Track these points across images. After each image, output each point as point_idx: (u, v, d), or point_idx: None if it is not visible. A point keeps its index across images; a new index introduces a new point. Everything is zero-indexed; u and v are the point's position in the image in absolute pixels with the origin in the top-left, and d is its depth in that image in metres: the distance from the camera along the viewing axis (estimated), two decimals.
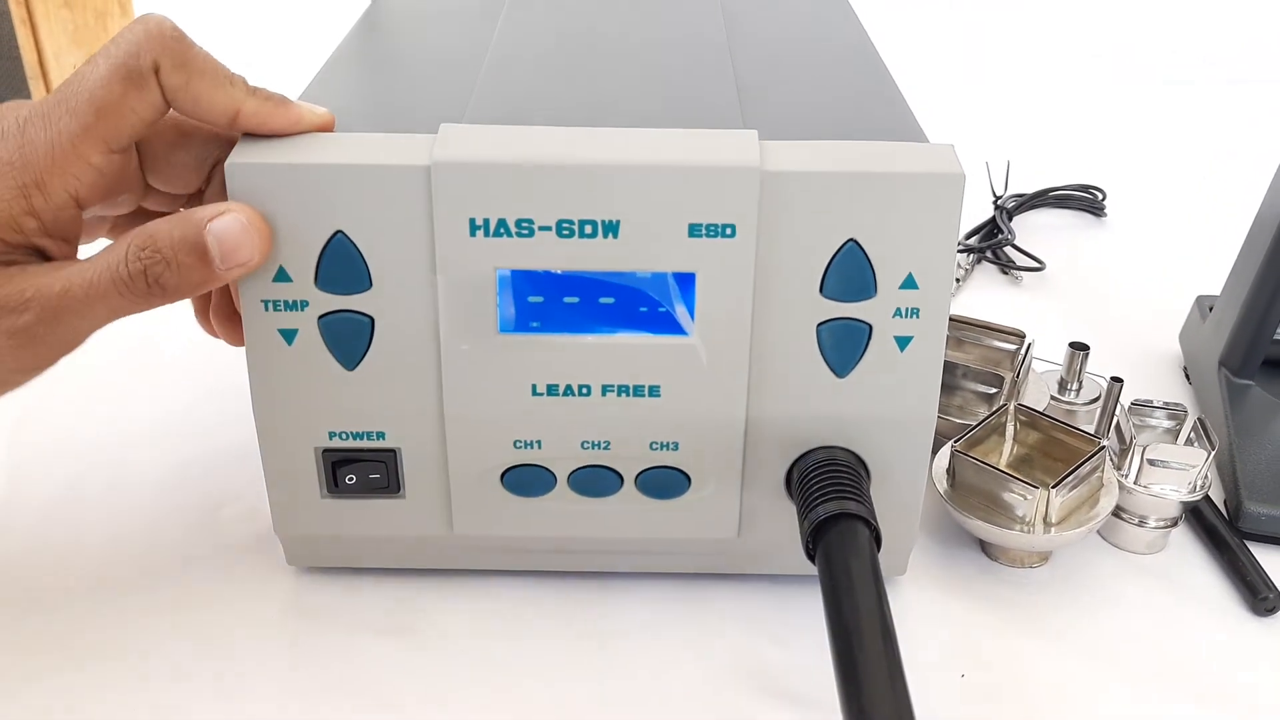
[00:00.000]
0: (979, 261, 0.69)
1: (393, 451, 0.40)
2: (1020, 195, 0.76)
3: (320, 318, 0.38)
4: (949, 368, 0.50)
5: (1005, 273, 0.68)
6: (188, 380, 0.56)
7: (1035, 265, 0.68)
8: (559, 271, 0.37)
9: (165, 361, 0.58)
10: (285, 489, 0.41)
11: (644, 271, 0.37)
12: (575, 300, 0.38)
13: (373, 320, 0.38)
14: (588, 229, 0.36)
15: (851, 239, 0.37)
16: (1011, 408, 0.47)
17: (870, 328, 0.38)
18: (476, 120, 0.39)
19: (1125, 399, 0.49)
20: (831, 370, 0.39)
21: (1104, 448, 0.44)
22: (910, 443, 0.40)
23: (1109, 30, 1.05)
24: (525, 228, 0.36)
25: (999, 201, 0.74)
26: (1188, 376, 0.58)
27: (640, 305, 0.38)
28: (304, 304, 0.38)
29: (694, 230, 0.36)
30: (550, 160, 0.36)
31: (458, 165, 0.36)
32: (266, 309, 0.38)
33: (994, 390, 0.50)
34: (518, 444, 0.40)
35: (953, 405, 0.50)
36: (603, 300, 0.38)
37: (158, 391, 0.56)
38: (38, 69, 1.20)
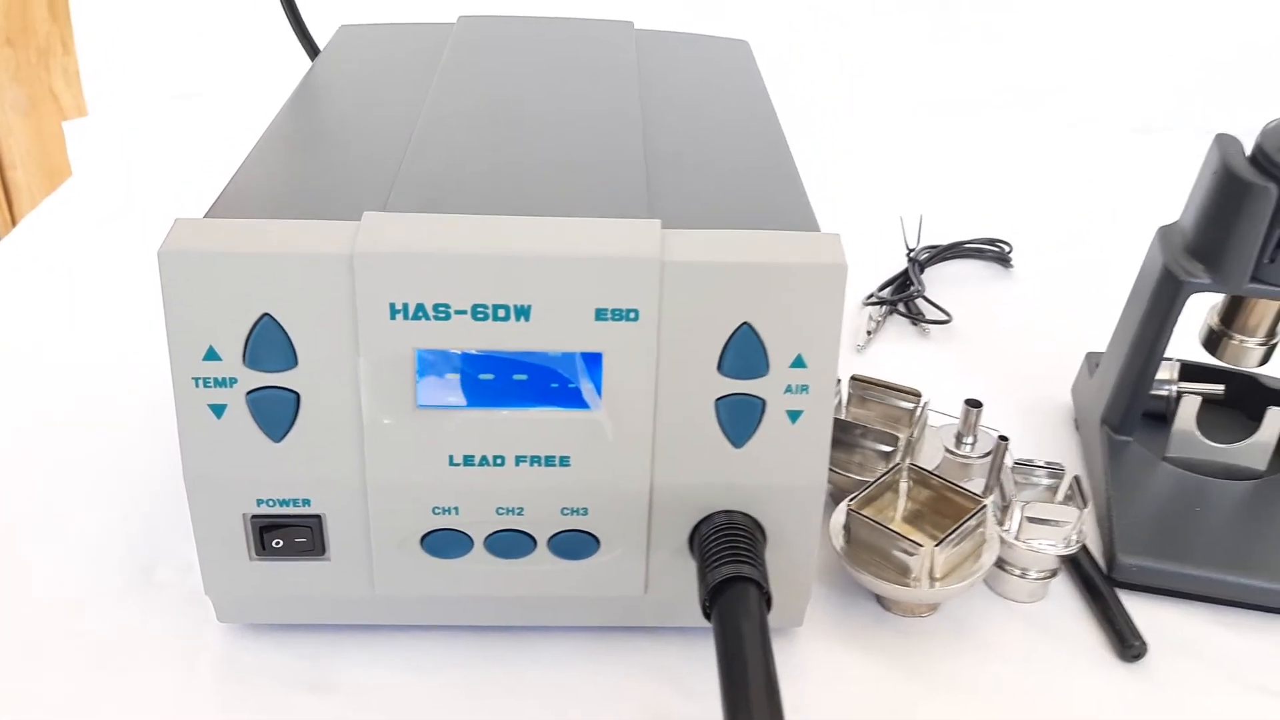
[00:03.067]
0: (890, 314, 0.72)
1: (318, 517, 0.42)
2: (934, 247, 0.80)
3: (248, 393, 0.40)
4: (849, 427, 0.54)
5: (915, 325, 0.72)
6: (133, 438, 0.58)
7: (943, 319, 0.71)
8: (474, 352, 0.40)
9: (112, 418, 0.59)
10: (215, 551, 0.43)
11: (554, 352, 0.40)
12: (490, 377, 0.40)
13: (298, 396, 0.40)
14: (501, 313, 0.39)
15: (746, 323, 0.40)
16: (905, 466, 0.50)
17: (764, 403, 0.41)
18: (399, 206, 0.42)
19: (1023, 452, 0.53)
20: (729, 441, 0.42)
21: (985, 506, 0.47)
22: (802, 507, 0.43)
23: (1023, 79, 1.09)
24: (442, 312, 0.39)
25: (912, 254, 0.77)
26: (1079, 429, 0.62)
27: (551, 381, 0.40)
28: (233, 381, 0.40)
29: (600, 314, 0.39)
30: (465, 250, 0.38)
31: (378, 255, 0.38)
32: (197, 385, 0.40)
33: (890, 449, 0.53)
34: (436, 510, 0.42)
35: (852, 462, 0.54)
36: (516, 377, 0.40)
37: (102, 447, 0.57)
38: None
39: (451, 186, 0.44)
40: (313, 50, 0.66)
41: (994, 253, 0.80)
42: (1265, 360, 0.53)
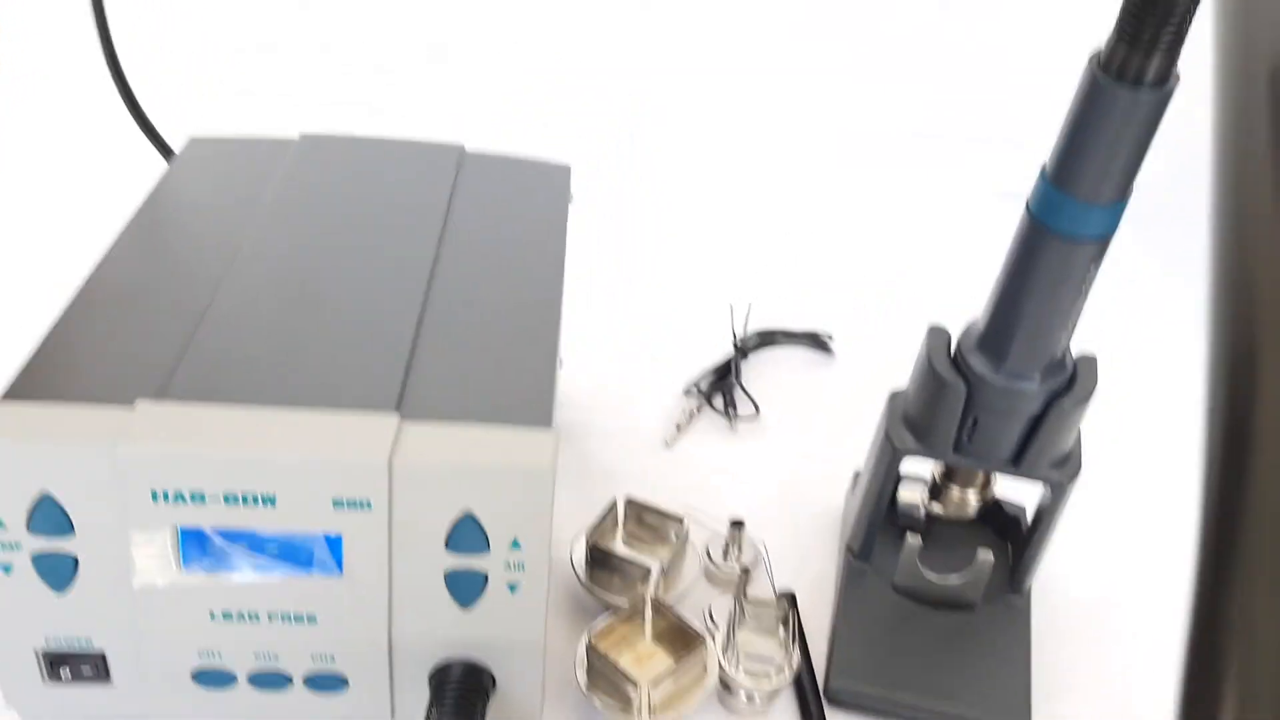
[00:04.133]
0: (701, 407, 0.79)
1: (100, 654, 0.49)
2: (766, 331, 0.86)
3: (32, 555, 0.46)
4: (608, 555, 0.60)
5: (726, 417, 0.78)
6: None
7: (749, 413, 0.78)
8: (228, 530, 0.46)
9: None
10: (14, 675, 0.50)
11: (298, 533, 0.46)
12: (243, 545, 0.46)
13: (76, 559, 0.46)
14: (249, 500, 0.45)
15: (467, 511, 0.46)
16: (648, 599, 0.57)
17: (486, 575, 0.48)
18: (175, 393, 0.47)
19: (786, 564, 0.59)
20: (458, 604, 0.48)
21: (703, 642, 0.54)
22: (525, 658, 0.50)
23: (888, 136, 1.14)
24: (198, 497, 0.45)
25: (738, 343, 0.84)
26: None
27: (297, 552, 0.47)
28: (17, 545, 0.46)
29: (337, 503, 0.46)
30: (216, 449, 0.44)
31: (139, 450, 0.44)
32: None
33: (647, 569, 0.60)
34: (202, 653, 0.49)
35: (613, 584, 0.60)
36: (267, 547, 0.47)
37: None
38: None
39: (228, 370, 0.49)
40: (166, 152, 0.71)
41: (815, 340, 0.86)
42: (982, 507, 0.60)
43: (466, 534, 0.47)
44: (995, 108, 1.11)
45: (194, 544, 0.46)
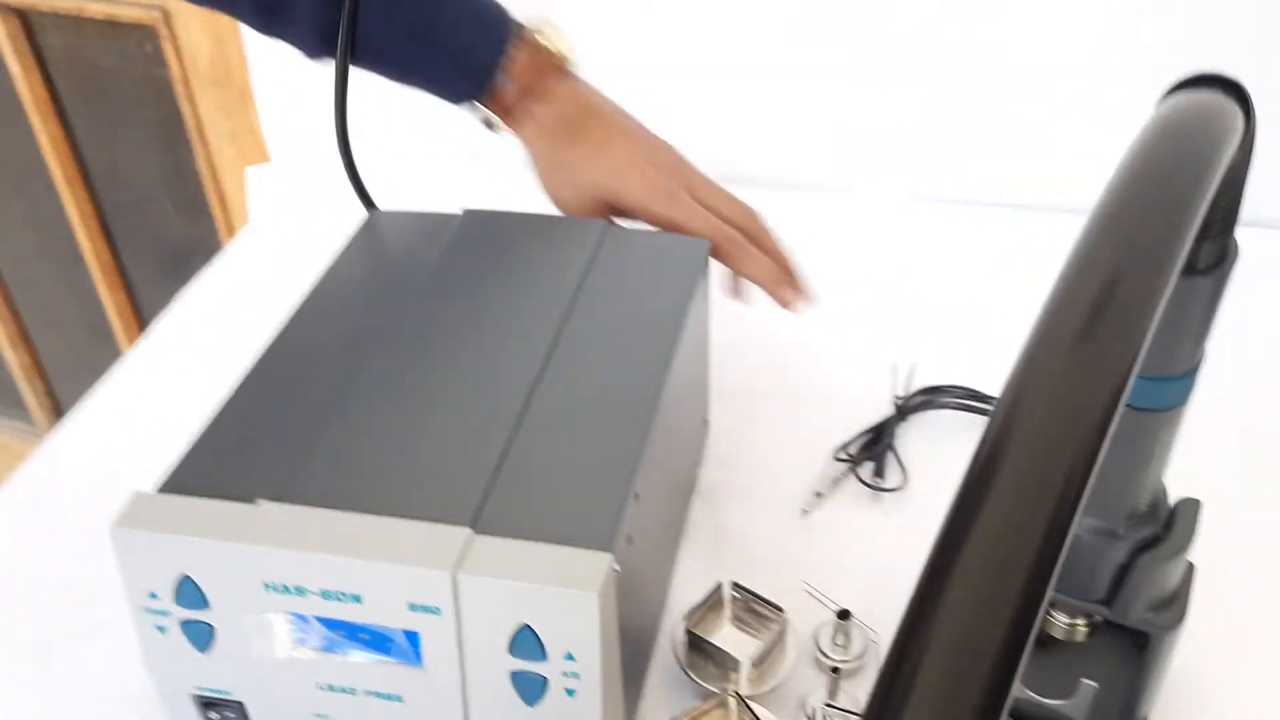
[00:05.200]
0: (846, 474, 0.78)
1: (239, 703, 0.57)
2: (930, 389, 0.84)
3: (180, 622, 0.55)
4: (701, 642, 0.62)
5: (870, 487, 0.78)
6: None
7: (895, 486, 0.77)
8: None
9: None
10: (178, 715, 0.59)
11: (382, 628, 0.52)
12: (341, 634, 0.53)
13: (213, 627, 0.55)
14: (340, 597, 0.51)
15: (525, 623, 0.50)
16: (732, 696, 0.59)
17: (546, 679, 0.51)
18: (291, 493, 0.54)
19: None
20: (524, 702, 0.52)
21: None
22: None
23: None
24: (300, 591, 0.52)
25: (901, 403, 0.82)
26: None
27: (387, 641, 0.53)
28: (167, 613, 0.55)
29: (412, 606, 0.51)
30: (313, 552, 0.51)
31: (253, 549, 0.51)
32: (146, 611, 0.55)
33: (739, 661, 0.62)
34: (316, 715, 0.56)
35: (709, 669, 0.62)
36: (361, 635, 0.53)
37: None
38: (197, 133, 1.42)
39: (337, 474, 0.55)
40: (368, 203, 0.79)
41: (978, 406, 0.83)
42: (1093, 631, 0.57)
43: (526, 643, 0.51)
44: (995, 107, 1.05)
45: (301, 626, 0.53)
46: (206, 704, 0.58)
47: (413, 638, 0.52)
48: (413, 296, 0.67)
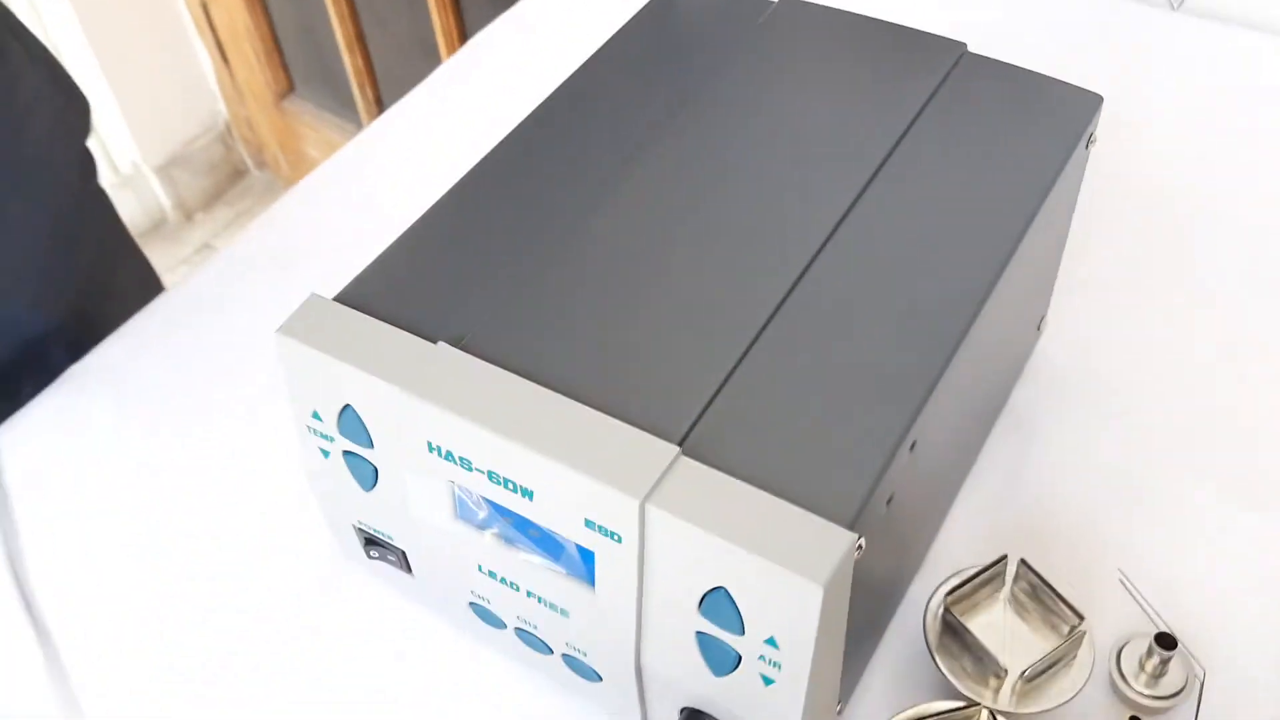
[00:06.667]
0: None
1: (401, 550, 0.49)
2: None
3: (343, 452, 0.46)
4: (963, 631, 0.47)
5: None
6: None
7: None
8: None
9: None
10: (344, 541, 0.52)
11: (553, 533, 0.41)
12: (509, 521, 0.43)
13: (376, 469, 0.46)
14: (509, 485, 0.41)
15: (721, 586, 0.38)
16: (985, 709, 0.44)
17: (740, 655, 0.39)
18: (478, 341, 0.43)
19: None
20: (709, 668, 0.41)
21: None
22: None
23: None
24: (466, 465, 0.41)
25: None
26: None
27: (557, 547, 0.42)
28: (330, 438, 0.46)
29: (589, 523, 0.39)
30: (484, 426, 0.40)
31: (419, 402, 0.41)
32: (310, 431, 0.47)
33: (1003, 670, 0.47)
34: (474, 594, 0.47)
35: (963, 663, 0.48)
36: (530, 532, 0.42)
37: None
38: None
39: (539, 330, 0.43)
40: None
41: None
42: None
43: (719, 607, 0.38)
44: None
45: (469, 498, 0.43)
46: (369, 541, 0.50)
47: (587, 556, 0.41)
48: (692, 105, 0.52)
